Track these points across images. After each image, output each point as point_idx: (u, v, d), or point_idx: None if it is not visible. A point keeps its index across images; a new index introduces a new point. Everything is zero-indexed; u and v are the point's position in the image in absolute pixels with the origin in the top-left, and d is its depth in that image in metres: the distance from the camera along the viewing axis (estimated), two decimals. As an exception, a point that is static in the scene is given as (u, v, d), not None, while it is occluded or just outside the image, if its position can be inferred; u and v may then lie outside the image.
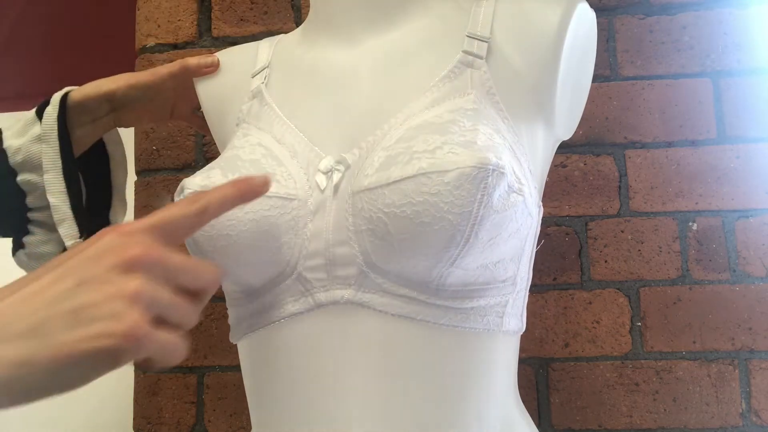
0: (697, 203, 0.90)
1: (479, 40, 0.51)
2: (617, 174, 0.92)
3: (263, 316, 0.51)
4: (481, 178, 0.42)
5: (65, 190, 0.64)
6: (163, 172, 1.00)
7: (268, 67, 0.60)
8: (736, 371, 0.87)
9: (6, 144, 0.63)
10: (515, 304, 0.51)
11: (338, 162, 0.49)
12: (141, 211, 1.00)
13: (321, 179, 0.49)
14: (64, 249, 0.65)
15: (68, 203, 0.64)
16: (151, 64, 1.01)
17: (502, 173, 0.43)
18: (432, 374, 0.48)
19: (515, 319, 0.52)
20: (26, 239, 0.66)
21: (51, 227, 0.66)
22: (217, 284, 0.36)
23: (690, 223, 0.90)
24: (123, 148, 0.74)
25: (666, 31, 0.93)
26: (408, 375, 0.47)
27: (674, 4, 0.94)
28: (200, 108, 0.73)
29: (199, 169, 0.59)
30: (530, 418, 0.57)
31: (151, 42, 1.02)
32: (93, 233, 0.69)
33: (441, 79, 0.50)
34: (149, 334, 0.31)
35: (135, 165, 1.01)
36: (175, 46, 1.01)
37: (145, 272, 0.32)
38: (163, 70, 0.67)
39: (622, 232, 0.91)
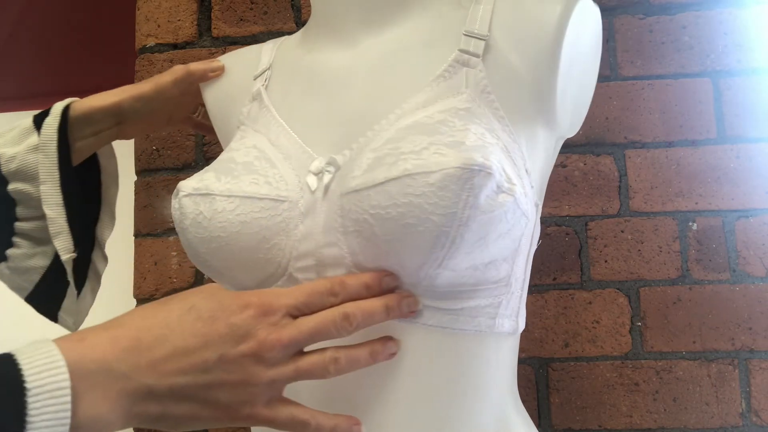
0: (697, 203, 0.90)
1: (476, 38, 0.51)
2: (617, 174, 0.92)
3: None
4: (466, 178, 0.41)
5: (62, 202, 0.62)
6: (163, 172, 1.00)
7: (269, 69, 0.60)
8: (736, 371, 0.87)
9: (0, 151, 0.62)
10: (509, 305, 0.51)
11: (329, 163, 0.49)
12: (141, 211, 1.00)
13: (312, 180, 0.49)
14: (52, 263, 0.64)
15: (65, 216, 0.62)
16: (151, 64, 1.01)
17: (489, 173, 0.42)
18: (422, 375, 0.48)
19: (509, 321, 0.51)
20: (10, 252, 0.64)
21: (38, 240, 0.64)
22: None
23: (690, 223, 0.90)
24: (116, 161, 0.72)
25: (666, 31, 0.93)
26: (398, 376, 0.47)
27: (674, 4, 0.94)
28: (195, 112, 0.72)
29: (199, 169, 0.58)
30: (529, 419, 0.57)
31: (151, 42, 1.02)
32: (81, 247, 0.66)
33: (435, 78, 0.50)
34: (265, 420, 0.41)
35: (135, 165, 1.01)
36: (175, 46, 1.01)
37: (274, 362, 0.40)
38: (166, 78, 0.65)
39: (622, 232, 0.91)
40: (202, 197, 0.50)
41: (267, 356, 0.40)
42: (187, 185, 0.51)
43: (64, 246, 0.62)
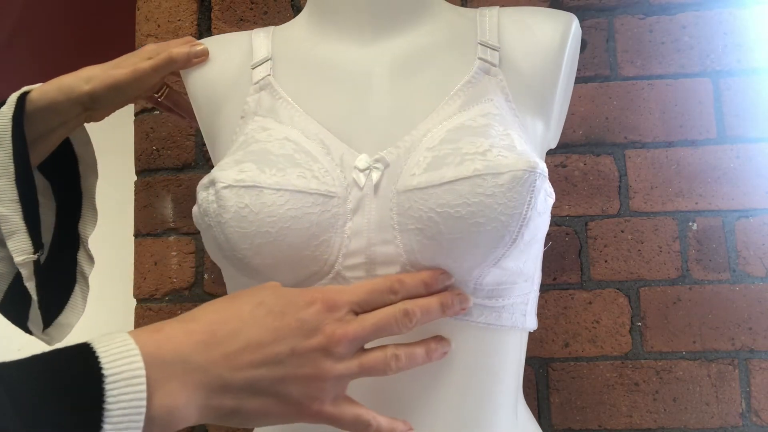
0: (697, 203, 0.90)
1: (491, 48, 0.53)
2: (617, 174, 0.92)
3: None
4: (531, 181, 0.44)
5: (17, 198, 0.56)
6: (163, 172, 1.00)
7: (271, 59, 0.58)
8: (736, 371, 0.87)
9: None
10: (532, 302, 0.53)
11: (376, 160, 0.49)
12: (141, 211, 1.00)
13: (359, 177, 0.49)
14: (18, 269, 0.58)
15: (21, 213, 0.56)
16: (151, 64, 1.01)
17: (545, 177, 0.45)
18: (469, 371, 0.49)
19: (532, 317, 0.54)
20: None
21: (3, 244, 0.58)
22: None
23: (690, 223, 0.90)
24: (92, 148, 0.67)
25: (666, 31, 0.93)
26: (447, 372, 0.49)
27: (674, 4, 0.94)
28: (159, 91, 0.69)
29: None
30: (531, 415, 0.59)
31: (151, 42, 1.02)
32: (58, 247, 0.63)
33: (464, 84, 0.52)
34: (330, 418, 0.42)
35: (135, 165, 1.01)
36: (175, 46, 1.01)
37: (340, 356, 0.41)
38: (144, 65, 0.61)
39: (622, 232, 0.91)
40: (246, 189, 0.47)
41: (334, 351, 0.40)
42: (225, 176, 0.48)
43: (19, 247, 0.56)
